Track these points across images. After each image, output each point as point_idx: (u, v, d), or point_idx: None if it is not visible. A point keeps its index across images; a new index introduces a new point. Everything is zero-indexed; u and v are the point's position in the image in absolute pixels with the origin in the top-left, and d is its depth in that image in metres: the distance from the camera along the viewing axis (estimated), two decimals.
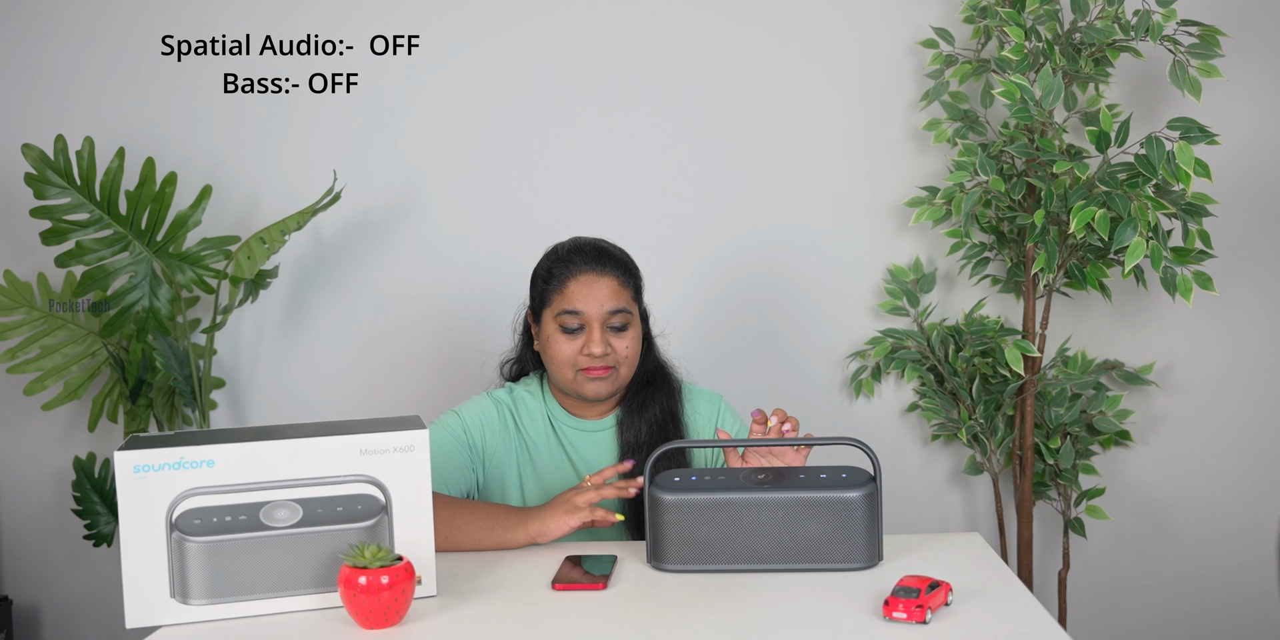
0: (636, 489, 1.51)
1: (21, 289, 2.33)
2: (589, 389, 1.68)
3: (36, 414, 2.48)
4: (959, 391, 2.29)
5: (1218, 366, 2.37)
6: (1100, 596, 2.43)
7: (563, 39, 2.39)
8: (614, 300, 1.67)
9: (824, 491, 1.37)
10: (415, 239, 2.43)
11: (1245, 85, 2.30)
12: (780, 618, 1.23)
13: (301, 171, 2.41)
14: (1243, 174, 2.31)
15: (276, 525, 1.29)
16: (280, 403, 2.47)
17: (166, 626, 1.27)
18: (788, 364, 2.43)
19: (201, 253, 2.33)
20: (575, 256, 1.70)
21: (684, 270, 2.41)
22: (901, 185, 2.39)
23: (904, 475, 2.44)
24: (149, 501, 1.26)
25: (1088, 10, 2.10)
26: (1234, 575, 2.39)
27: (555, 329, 1.68)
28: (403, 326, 2.45)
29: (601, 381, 1.67)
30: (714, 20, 2.38)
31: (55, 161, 2.20)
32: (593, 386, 1.68)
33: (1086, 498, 2.29)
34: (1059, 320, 2.37)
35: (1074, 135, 2.31)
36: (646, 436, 1.72)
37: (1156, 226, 1.99)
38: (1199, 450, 2.39)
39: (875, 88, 2.38)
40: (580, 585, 1.35)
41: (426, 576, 1.33)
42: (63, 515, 2.50)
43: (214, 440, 1.28)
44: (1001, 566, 1.40)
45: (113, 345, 2.35)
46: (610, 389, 1.69)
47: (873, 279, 2.42)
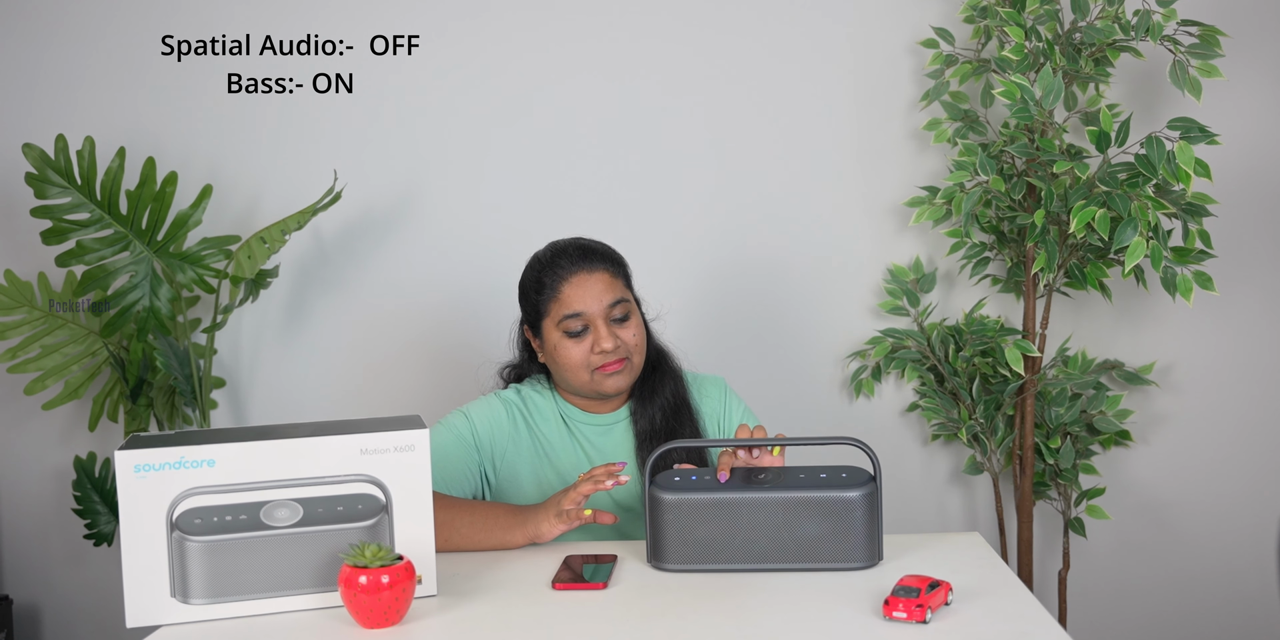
0: (614, 483, 1.48)
1: (22, 289, 2.33)
2: (609, 385, 1.66)
3: (37, 414, 2.48)
4: (959, 391, 2.29)
5: (1218, 366, 2.37)
6: (1100, 596, 2.43)
7: (562, 38, 2.39)
8: (610, 293, 1.66)
9: (824, 491, 1.37)
10: (415, 239, 2.43)
11: (1245, 85, 2.30)
12: (780, 618, 1.23)
13: (302, 171, 2.41)
14: (1243, 174, 2.31)
15: (277, 525, 1.29)
16: (280, 403, 2.47)
17: (167, 626, 1.28)
18: (788, 364, 2.43)
19: (202, 252, 2.33)
20: (560, 260, 1.68)
21: (684, 270, 2.41)
22: (901, 185, 2.39)
23: (904, 475, 2.44)
24: (149, 501, 1.26)
25: (1088, 10, 2.10)
26: (1234, 574, 2.39)
27: (560, 336, 1.66)
28: (403, 326, 2.45)
29: (619, 375, 1.66)
30: (714, 20, 2.38)
31: (56, 161, 2.20)
32: (612, 382, 1.66)
33: (1086, 497, 2.29)
34: (1059, 320, 2.37)
35: (1074, 135, 2.31)
36: (661, 423, 1.71)
37: (1156, 226, 1.99)
38: (1199, 450, 2.39)
39: (875, 88, 2.38)
40: (580, 585, 1.35)
41: (427, 576, 1.33)
42: (63, 515, 2.50)
43: (214, 440, 1.28)
44: (1001, 566, 1.40)
45: (113, 345, 2.35)
46: (629, 380, 1.68)
47: (873, 279, 2.42)
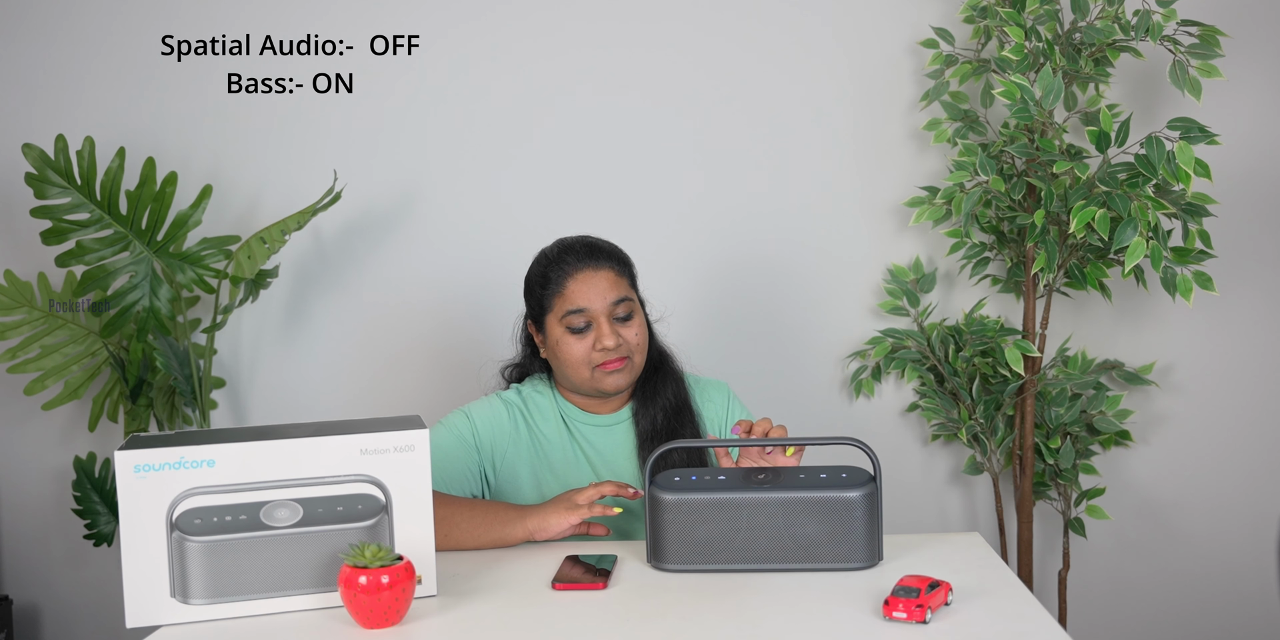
0: (635, 493, 1.51)
1: (22, 289, 2.33)
2: (608, 383, 1.67)
3: (36, 414, 2.48)
4: (959, 391, 2.29)
5: (1218, 366, 2.37)
6: (1100, 596, 2.43)
7: (563, 38, 2.39)
8: (614, 291, 1.67)
9: (824, 491, 1.37)
10: (415, 239, 2.43)
11: (1245, 85, 2.30)
12: (780, 618, 1.23)
13: (302, 171, 2.41)
14: (1243, 174, 2.31)
15: (276, 525, 1.29)
16: (280, 403, 2.47)
17: (166, 626, 1.28)
18: (788, 364, 2.43)
19: (202, 252, 2.33)
20: (566, 256, 1.69)
21: (684, 270, 2.41)
22: (901, 185, 2.38)
23: (904, 475, 2.44)
24: (149, 501, 1.26)
25: (1088, 10, 2.10)
26: (1234, 574, 2.39)
27: (563, 332, 1.67)
28: (403, 326, 2.45)
29: (619, 373, 1.67)
30: (714, 20, 2.38)
31: (56, 161, 2.20)
32: (612, 380, 1.67)
33: (1086, 498, 2.29)
34: (1059, 320, 2.37)
35: (1074, 135, 2.31)
36: (663, 424, 1.72)
37: (1156, 226, 1.99)
38: (1199, 450, 2.39)
39: (875, 88, 2.38)
40: (580, 585, 1.35)
41: (426, 576, 1.33)
42: (63, 515, 2.50)
43: (214, 440, 1.28)
44: (1001, 566, 1.40)
45: (113, 345, 2.35)
46: (628, 379, 1.69)
47: (873, 279, 2.42)
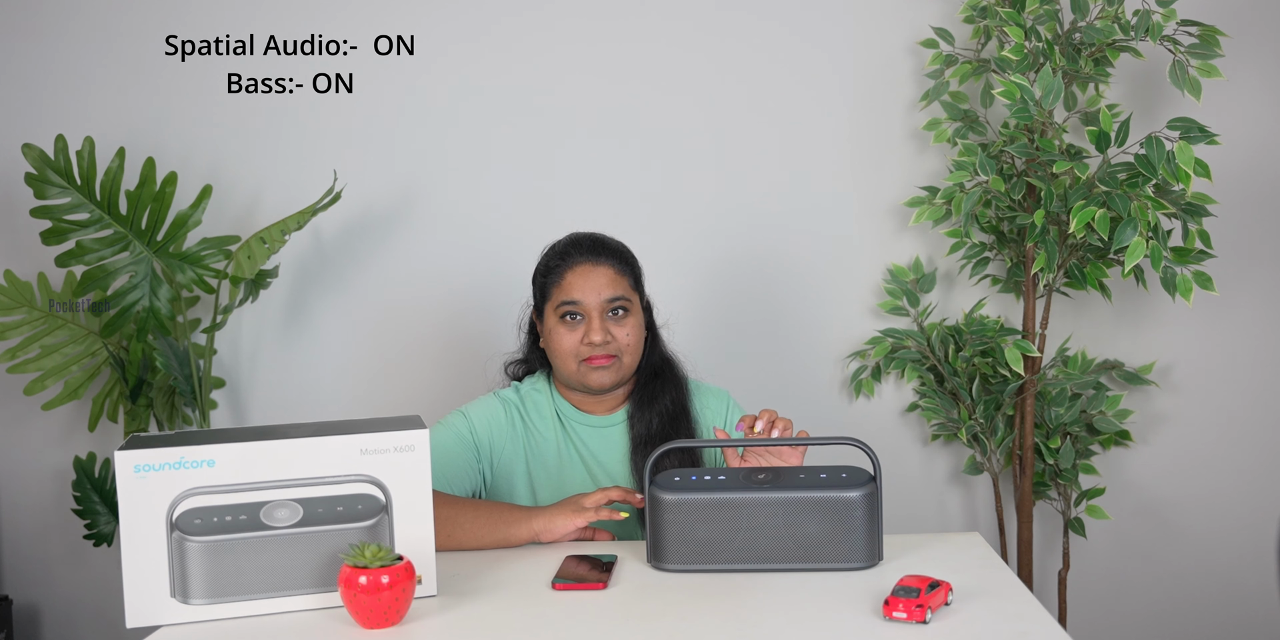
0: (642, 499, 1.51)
1: (21, 289, 2.33)
2: (592, 378, 1.68)
3: (36, 414, 2.48)
4: (959, 391, 2.29)
5: (1218, 366, 2.37)
6: (1100, 596, 2.43)
7: (563, 38, 2.39)
8: (611, 288, 1.68)
9: (824, 491, 1.37)
10: (415, 239, 2.43)
11: (1245, 85, 2.30)
12: (780, 618, 1.23)
13: (302, 171, 2.41)
14: (1243, 174, 2.31)
15: (277, 525, 1.29)
16: (280, 403, 2.47)
17: (166, 626, 1.27)
18: (788, 364, 2.43)
19: (202, 252, 2.33)
20: (571, 249, 1.72)
21: (684, 270, 2.41)
22: (901, 185, 2.38)
23: (904, 475, 2.44)
24: (149, 501, 1.26)
25: (1088, 10, 2.10)
26: (1234, 574, 2.39)
27: (556, 321, 1.69)
28: (403, 326, 2.45)
29: (604, 370, 1.67)
30: (715, 20, 2.38)
31: (55, 161, 2.20)
32: (596, 376, 1.68)
33: (1086, 498, 2.29)
34: (1059, 320, 2.37)
35: (1074, 135, 2.31)
36: (658, 429, 1.72)
37: (1156, 226, 1.99)
38: (1199, 450, 2.39)
39: (875, 88, 2.38)
40: (580, 585, 1.35)
41: (427, 576, 1.33)
42: (63, 515, 2.50)
43: (214, 440, 1.28)
44: (1001, 566, 1.40)
45: (113, 345, 2.35)
46: (614, 378, 1.69)
47: (873, 279, 2.42)
